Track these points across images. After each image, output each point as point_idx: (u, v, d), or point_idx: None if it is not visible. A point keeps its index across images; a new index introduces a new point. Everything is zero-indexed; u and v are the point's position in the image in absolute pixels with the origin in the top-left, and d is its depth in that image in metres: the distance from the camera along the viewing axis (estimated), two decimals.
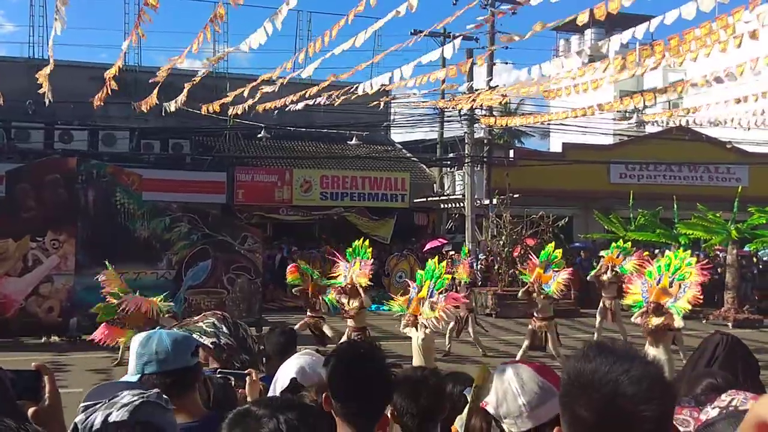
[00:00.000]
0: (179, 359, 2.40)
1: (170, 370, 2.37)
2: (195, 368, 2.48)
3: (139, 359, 2.40)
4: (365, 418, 2.17)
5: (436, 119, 25.97)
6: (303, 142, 27.02)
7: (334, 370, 2.19)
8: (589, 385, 1.32)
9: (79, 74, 21.08)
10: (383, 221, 24.97)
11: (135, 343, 2.45)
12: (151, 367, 2.37)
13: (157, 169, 22.38)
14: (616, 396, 1.28)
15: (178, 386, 2.35)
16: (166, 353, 2.38)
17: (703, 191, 25.74)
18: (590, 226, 24.77)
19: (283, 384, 3.04)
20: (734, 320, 18.20)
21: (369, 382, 2.16)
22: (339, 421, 2.16)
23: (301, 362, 3.13)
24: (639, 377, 1.29)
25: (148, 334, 2.47)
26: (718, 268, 22.86)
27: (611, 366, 1.31)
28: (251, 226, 19.06)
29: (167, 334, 2.48)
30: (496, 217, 21.80)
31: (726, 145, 23.12)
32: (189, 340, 2.53)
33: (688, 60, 7.53)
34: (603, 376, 1.31)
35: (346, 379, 2.16)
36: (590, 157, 25.55)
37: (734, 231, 19.18)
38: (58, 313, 14.18)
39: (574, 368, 1.37)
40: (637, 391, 1.28)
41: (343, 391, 2.15)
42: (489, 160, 24.89)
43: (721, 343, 3.92)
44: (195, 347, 2.50)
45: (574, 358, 1.39)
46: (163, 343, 2.41)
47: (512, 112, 21.00)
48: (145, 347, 2.41)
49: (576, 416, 1.34)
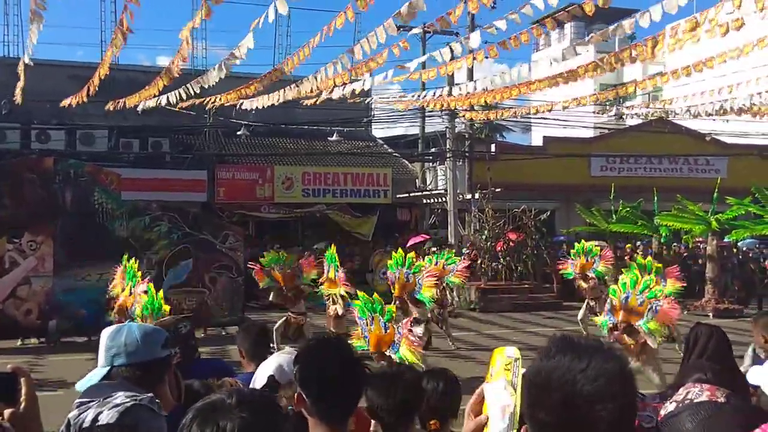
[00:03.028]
0: (149, 351, 2.39)
1: (139, 362, 2.36)
2: (165, 360, 2.46)
3: (107, 351, 2.39)
4: (338, 415, 2.13)
5: (417, 114, 25.92)
6: (284, 138, 26.87)
7: (304, 367, 2.16)
8: (546, 385, 1.29)
9: (56, 73, 20.80)
10: (365, 218, 24.91)
11: (104, 336, 2.44)
12: (120, 359, 2.37)
13: (137, 168, 22.15)
14: (573, 396, 1.25)
15: (148, 378, 2.32)
16: (136, 345, 2.37)
17: (683, 183, 25.98)
18: (572, 219, 24.90)
19: (262, 382, 3.01)
20: (714, 310, 18.36)
21: (340, 379, 2.13)
22: (312, 421, 2.12)
23: (280, 360, 3.13)
24: (595, 375, 1.26)
25: (118, 327, 2.46)
26: (698, 258, 23.11)
27: (570, 363, 1.28)
28: (233, 224, 18.93)
29: (137, 326, 2.47)
30: (479, 211, 21.86)
31: (705, 137, 23.29)
32: (159, 332, 2.51)
33: (667, 52, 7.54)
34: (561, 376, 1.28)
35: (317, 376, 2.12)
36: (571, 150, 25.66)
37: (714, 222, 19.35)
38: (36, 316, 13.97)
39: (535, 367, 1.34)
40: (594, 390, 1.24)
41: (315, 388, 2.10)
42: (470, 154, 24.91)
43: (711, 335, 3.95)
44: (165, 339, 2.48)
45: (538, 356, 1.36)
46: (132, 335, 2.40)
47: (493, 106, 20.99)
48: (114, 339, 2.39)
49: (536, 418, 1.31)
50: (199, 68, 23.94)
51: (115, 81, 21.06)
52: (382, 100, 15.43)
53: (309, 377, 2.13)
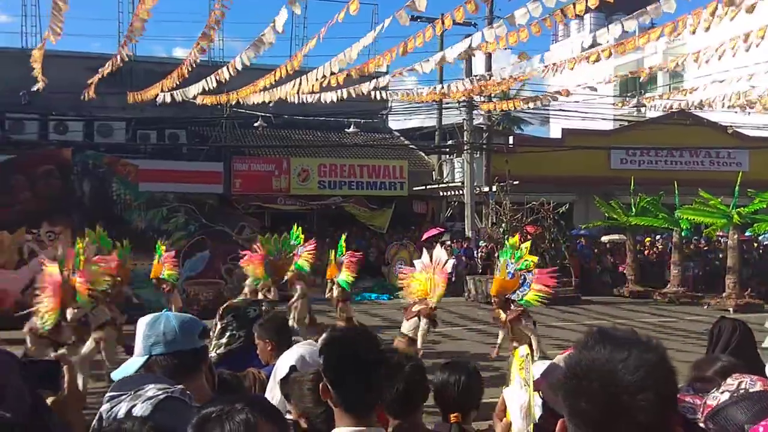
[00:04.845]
0: (187, 341, 2.37)
1: (178, 351, 2.34)
2: (202, 350, 2.45)
3: (146, 340, 2.36)
4: (364, 406, 2.10)
5: (434, 106, 25.78)
6: (300, 130, 26.86)
7: (331, 356, 2.13)
8: (585, 375, 1.30)
9: (73, 64, 20.88)
10: (381, 211, 24.87)
11: (141, 325, 2.41)
12: (159, 348, 2.34)
13: (154, 159, 22.23)
14: (613, 386, 1.27)
15: (186, 368, 2.32)
16: (174, 334, 2.35)
17: (704, 176, 25.64)
18: (591, 212, 24.67)
19: (283, 372, 2.98)
20: (735, 305, 18.10)
21: (367, 369, 2.10)
22: (338, 411, 2.10)
23: (302, 351, 3.15)
24: (636, 365, 1.27)
25: (155, 316, 2.43)
26: (719, 253, 22.82)
27: (609, 354, 1.30)
28: (249, 215, 18.97)
29: (174, 316, 2.45)
30: (496, 204, 21.69)
31: (727, 129, 22.94)
32: (196, 322, 2.49)
33: (688, 35, 7.38)
34: (601, 366, 1.29)
35: (344, 365, 2.09)
36: (590, 142, 25.40)
37: (736, 215, 19.07)
38: None
39: (574, 358, 1.35)
40: (635, 380, 1.26)
41: (342, 378, 2.08)
42: (488, 146, 24.73)
43: (735, 329, 3.85)
44: (202, 329, 2.46)
45: (576, 347, 1.37)
46: (170, 324, 2.38)
47: (511, 97, 20.85)
48: (152, 328, 2.37)
49: (576, 408, 1.31)
50: (216, 60, 23.98)
51: (132, 72, 21.24)
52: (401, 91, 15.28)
53: (336, 367, 2.10)
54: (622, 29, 7.03)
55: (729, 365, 2.84)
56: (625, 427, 1.25)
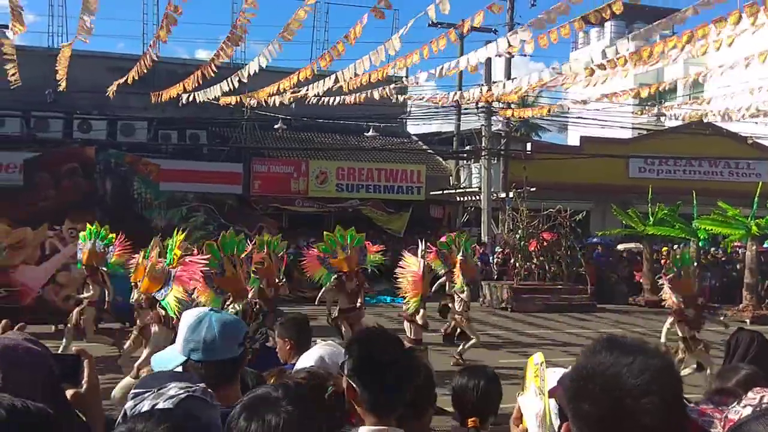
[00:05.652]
0: (226, 350, 2.31)
1: (215, 360, 2.28)
2: (240, 359, 2.39)
3: (186, 344, 2.33)
4: (388, 406, 2.12)
5: (452, 111, 25.81)
6: (319, 133, 26.96)
7: (356, 355, 2.14)
8: (590, 378, 1.32)
9: (97, 64, 21.15)
10: (398, 215, 24.91)
11: (184, 324, 2.36)
12: (197, 354, 2.29)
13: (175, 159, 22.45)
14: (617, 389, 1.28)
15: (222, 377, 2.27)
16: (214, 341, 2.29)
17: (723, 186, 25.45)
18: (607, 220, 24.58)
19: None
20: (752, 317, 17.97)
21: (392, 368, 2.12)
22: (361, 411, 2.12)
23: (322, 352, 3.11)
24: (641, 369, 1.28)
25: (198, 318, 2.35)
26: (736, 264, 22.64)
27: (614, 359, 1.31)
28: (267, 217, 19.10)
29: (217, 318, 2.36)
30: (513, 210, 21.68)
31: (747, 140, 22.76)
32: (239, 327, 2.43)
33: (711, 51, 7.38)
34: (606, 369, 1.31)
35: (369, 365, 2.11)
36: (608, 150, 25.30)
37: (754, 227, 18.94)
38: (75, 302, 14.23)
39: (579, 363, 1.37)
40: (639, 383, 1.27)
41: (366, 378, 2.10)
42: (506, 153, 24.73)
43: (753, 341, 3.87)
44: (243, 337, 2.41)
45: (582, 353, 1.39)
46: (212, 330, 2.31)
47: (530, 104, 20.85)
48: (194, 332, 2.32)
49: (580, 410, 1.34)
50: (238, 62, 24.16)
51: (155, 73, 21.45)
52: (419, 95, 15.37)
53: (361, 366, 2.11)
54: (652, 37, 7.04)
55: (752, 374, 2.88)
56: (629, 430, 1.27)
